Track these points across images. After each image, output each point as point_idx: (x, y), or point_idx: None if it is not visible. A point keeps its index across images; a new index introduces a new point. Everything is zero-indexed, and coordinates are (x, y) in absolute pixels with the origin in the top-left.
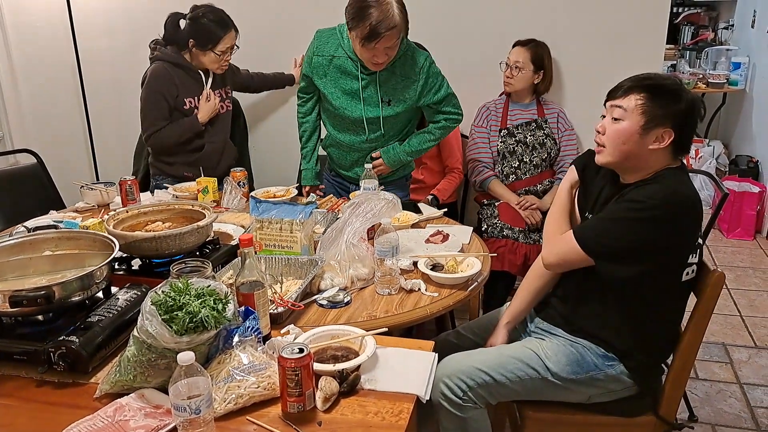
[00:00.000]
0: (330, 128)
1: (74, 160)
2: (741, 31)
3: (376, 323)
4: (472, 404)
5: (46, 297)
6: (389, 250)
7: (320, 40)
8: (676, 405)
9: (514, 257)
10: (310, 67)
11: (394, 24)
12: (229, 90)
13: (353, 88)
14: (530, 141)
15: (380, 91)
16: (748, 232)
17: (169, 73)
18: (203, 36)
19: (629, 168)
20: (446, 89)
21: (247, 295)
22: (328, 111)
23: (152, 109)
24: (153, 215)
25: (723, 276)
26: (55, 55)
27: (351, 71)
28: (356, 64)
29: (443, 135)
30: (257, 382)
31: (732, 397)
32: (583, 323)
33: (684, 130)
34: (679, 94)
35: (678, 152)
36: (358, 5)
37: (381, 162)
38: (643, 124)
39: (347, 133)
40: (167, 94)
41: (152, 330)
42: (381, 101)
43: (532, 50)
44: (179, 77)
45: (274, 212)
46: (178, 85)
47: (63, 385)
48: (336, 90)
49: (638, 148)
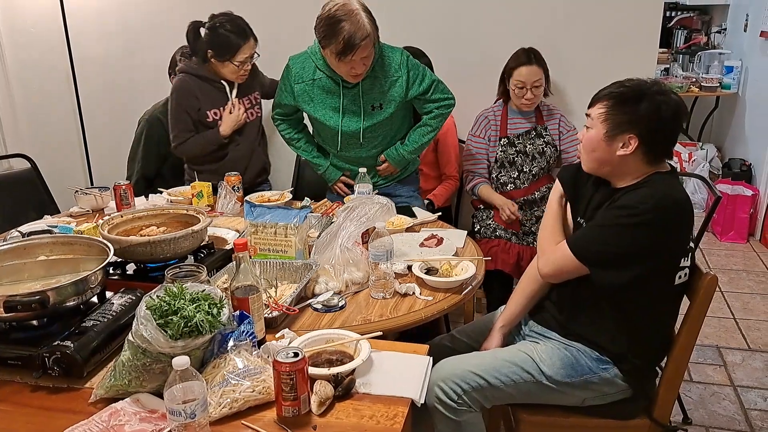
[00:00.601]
0: (332, 149)
1: (68, 165)
2: (733, 35)
3: (371, 327)
4: (466, 408)
5: (41, 302)
6: (384, 254)
7: (296, 66)
8: (670, 408)
9: (507, 256)
10: (293, 96)
11: (367, 33)
12: (257, 96)
13: (342, 104)
14: (530, 150)
15: (368, 99)
16: (742, 235)
17: (191, 86)
18: (221, 46)
19: (609, 174)
20: (430, 77)
21: (241, 299)
22: (325, 132)
23: (176, 122)
24: (147, 220)
25: (716, 279)
26: (49, 60)
27: (334, 89)
28: (337, 80)
29: (440, 123)
30: (252, 386)
31: (726, 399)
32: (578, 327)
33: (651, 135)
34: (642, 99)
35: (654, 157)
36: (328, 22)
37: (387, 165)
38: (605, 132)
39: (350, 149)
40: (189, 108)
41: (147, 335)
42: (372, 108)
43: (541, 64)
44: (202, 89)
45: (269, 216)
46: (199, 97)
47: (58, 390)
48: (326, 111)
49: (607, 155)
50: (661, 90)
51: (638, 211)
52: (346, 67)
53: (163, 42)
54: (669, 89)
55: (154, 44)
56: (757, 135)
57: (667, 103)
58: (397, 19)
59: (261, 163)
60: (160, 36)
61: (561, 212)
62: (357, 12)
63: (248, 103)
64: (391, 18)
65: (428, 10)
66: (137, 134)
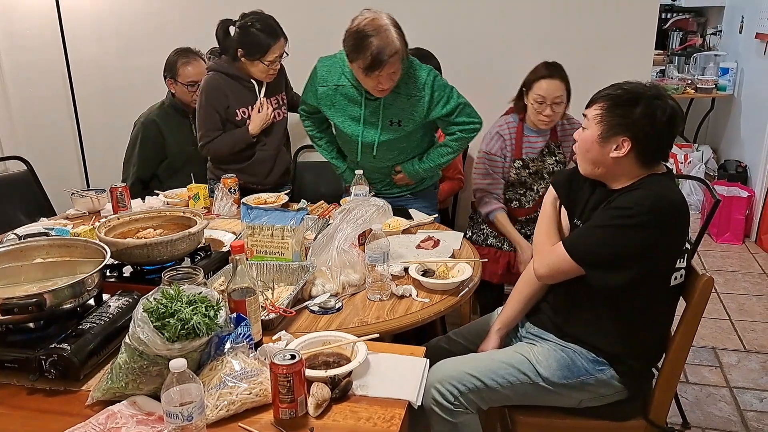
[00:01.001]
0: (348, 154)
1: (65, 167)
2: (729, 37)
3: (368, 329)
4: (463, 409)
5: (38, 305)
6: (380, 256)
7: (323, 69)
8: (667, 409)
9: (495, 267)
10: (316, 98)
11: (395, 49)
12: (284, 96)
13: (361, 114)
14: (540, 169)
15: (387, 113)
16: (737, 237)
17: (221, 84)
18: (252, 46)
19: (604, 175)
20: (456, 100)
21: (238, 301)
22: (343, 138)
23: (205, 120)
24: (144, 222)
25: (712, 280)
26: (45, 62)
27: (357, 99)
28: (360, 91)
29: (461, 146)
30: (249, 388)
31: (722, 400)
32: (574, 328)
33: (644, 139)
34: (638, 102)
35: (646, 160)
36: (357, 36)
37: (402, 176)
38: (599, 134)
39: (365, 159)
40: (218, 106)
41: (144, 337)
42: (390, 124)
43: (564, 80)
44: (231, 88)
45: (266, 219)
46: (229, 96)
47: (55, 392)
48: (345, 118)
49: (600, 156)
50: (659, 94)
51: (633, 212)
52: (373, 81)
53: (159, 44)
54: (667, 94)
55: (150, 47)
56: (753, 136)
57: (663, 108)
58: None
59: (285, 163)
60: (156, 38)
61: (556, 215)
62: (386, 27)
63: (275, 102)
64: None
65: (429, 11)
66: (133, 137)
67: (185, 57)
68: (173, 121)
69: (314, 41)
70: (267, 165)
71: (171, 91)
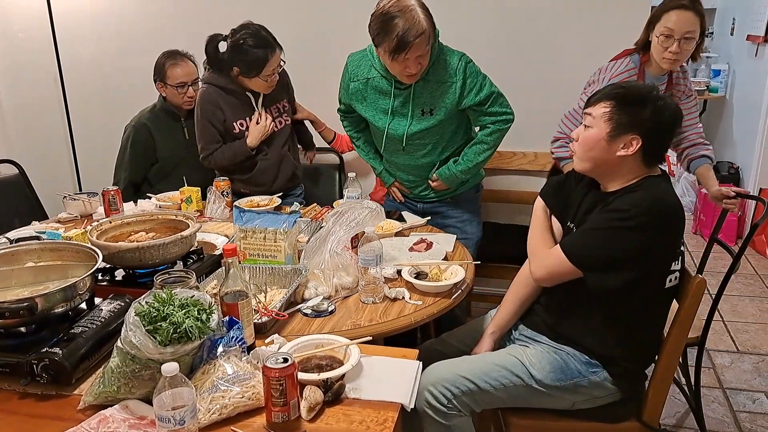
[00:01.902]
0: (383, 152)
1: (56, 171)
2: (720, 39)
3: (361, 332)
4: (456, 412)
5: (29, 309)
6: (373, 258)
7: (353, 64)
8: (660, 410)
9: None
10: (348, 94)
11: (422, 30)
12: (285, 104)
13: (390, 105)
14: None
15: (418, 102)
16: (730, 238)
17: (215, 98)
18: (247, 63)
19: (603, 174)
20: (489, 88)
21: (231, 305)
22: (376, 134)
23: (203, 134)
24: (136, 225)
25: (704, 282)
26: (37, 65)
27: (387, 90)
28: (390, 81)
29: (497, 141)
30: (242, 392)
31: (715, 402)
32: (567, 330)
33: (652, 138)
34: (645, 102)
35: (650, 160)
36: (382, 18)
37: (439, 183)
38: (609, 131)
39: (395, 154)
40: (214, 120)
41: (136, 341)
42: (422, 114)
43: (699, 14)
44: (226, 101)
45: (258, 222)
46: (224, 109)
47: (46, 397)
48: (377, 112)
49: (606, 154)
50: (660, 95)
51: (631, 214)
52: (400, 66)
53: (153, 46)
54: (665, 95)
55: (142, 48)
56: (745, 138)
57: (669, 107)
58: None
59: (291, 168)
60: (148, 40)
61: (547, 219)
62: (412, 8)
63: (276, 111)
64: None
65: None
66: (123, 141)
67: (173, 59)
68: (164, 124)
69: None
70: (270, 174)
71: (162, 95)
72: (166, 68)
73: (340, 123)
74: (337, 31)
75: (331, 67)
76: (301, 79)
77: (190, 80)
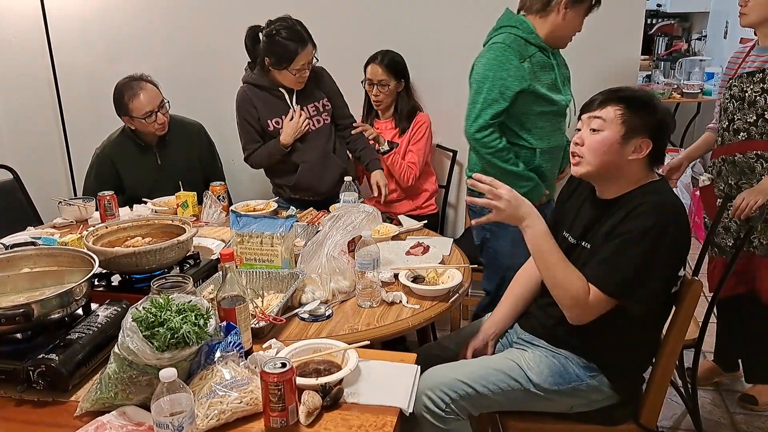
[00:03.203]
0: (538, 141)
1: (51, 176)
2: (714, 42)
3: (358, 336)
4: (454, 416)
5: (25, 315)
6: (370, 262)
7: (512, 52)
8: (657, 412)
9: None
10: (523, 79)
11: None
12: (326, 102)
13: (556, 75)
14: (747, 96)
15: (563, 72)
16: None
17: (249, 96)
18: (277, 54)
19: (607, 178)
20: None
21: (228, 309)
22: (543, 116)
23: (242, 134)
24: (132, 231)
25: (701, 284)
26: (31, 69)
27: (548, 62)
28: (547, 51)
29: None
30: (240, 397)
31: (711, 404)
32: (565, 334)
33: (660, 140)
34: (655, 106)
35: (654, 163)
36: None
37: None
38: (623, 134)
39: (557, 134)
40: (249, 118)
41: (133, 346)
42: (565, 83)
43: None
44: (260, 98)
45: (255, 226)
46: (258, 107)
47: (43, 403)
48: (549, 89)
49: (618, 157)
50: (657, 99)
51: (660, 228)
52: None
53: (148, 51)
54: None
55: (136, 53)
56: None
57: (669, 112)
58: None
59: (339, 170)
60: (142, 44)
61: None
62: None
63: (313, 110)
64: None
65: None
66: (89, 168)
67: (130, 90)
68: (130, 152)
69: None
70: (315, 175)
71: (130, 128)
72: (126, 101)
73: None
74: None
75: None
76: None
77: (155, 107)
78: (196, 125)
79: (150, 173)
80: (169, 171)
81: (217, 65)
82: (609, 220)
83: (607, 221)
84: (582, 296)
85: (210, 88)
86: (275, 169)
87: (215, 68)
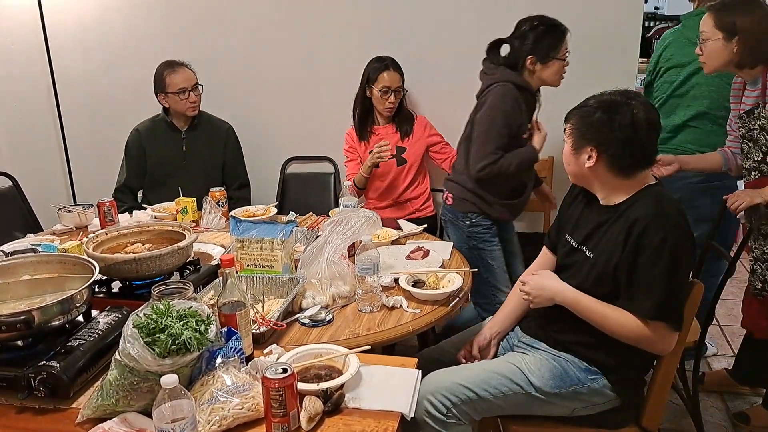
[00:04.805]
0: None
1: (51, 183)
2: None
3: (359, 341)
4: (456, 421)
5: (26, 322)
6: (370, 267)
7: (682, 38)
8: (660, 415)
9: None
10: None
11: None
12: None
13: None
14: (753, 135)
15: None
16: None
17: (517, 96)
18: (545, 47)
19: (591, 186)
20: None
21: (229, 315)
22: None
23: (493, 136)
24: (132, 237)
25: (702, 287)
26: (29, 76)
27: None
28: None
29: None
30: (241, 403)
31: (713, 406)
32: (566, 337)
33: (609, 145)
34: (595, 112)
35: (623, 167)
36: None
37: None
38: (572, 145)
39: None
40: (512, 122)
41: (134, 353)
42: None
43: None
44: (524, 101)
45: (255, 231)
46: (523, 111)
47: (44, 411)
48: None
49: (578, 168)
50: (624, 101)
51: (677, 242)
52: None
53: (146, 58)
54: (640, 101)
55: (136, 59)
56: None
57: (624, 113)
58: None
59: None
60: (142, 50)
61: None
62: None
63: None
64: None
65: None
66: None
67: (170, 67)
68: (159, 133)
69: None
70: (528, 196)
71: (165, 106)
72: (165, 77)
73: None
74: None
75: None
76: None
77: (189, 85)
78: (225, 124)
79: (174, 158)
80: (192, 160)
81: (215, 71)
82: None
83: (608, 229)
84: (641, 330)
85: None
86: (510, 184)
87: (213, 74)
